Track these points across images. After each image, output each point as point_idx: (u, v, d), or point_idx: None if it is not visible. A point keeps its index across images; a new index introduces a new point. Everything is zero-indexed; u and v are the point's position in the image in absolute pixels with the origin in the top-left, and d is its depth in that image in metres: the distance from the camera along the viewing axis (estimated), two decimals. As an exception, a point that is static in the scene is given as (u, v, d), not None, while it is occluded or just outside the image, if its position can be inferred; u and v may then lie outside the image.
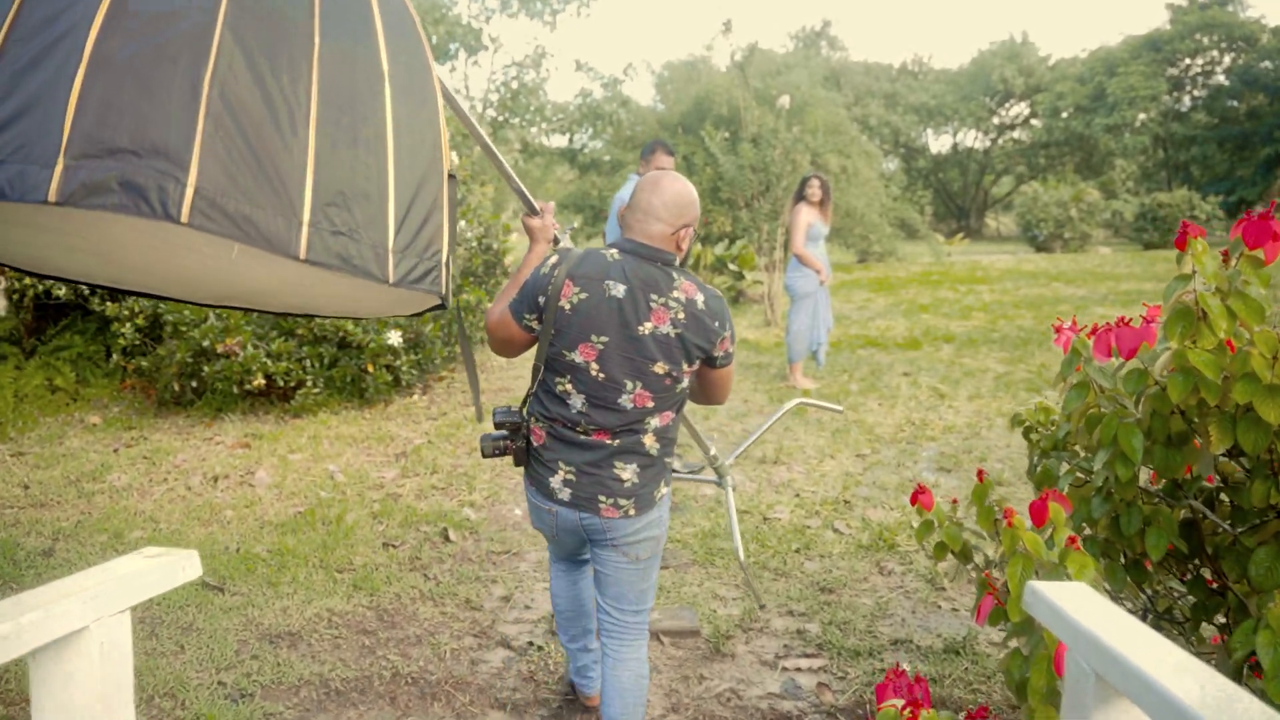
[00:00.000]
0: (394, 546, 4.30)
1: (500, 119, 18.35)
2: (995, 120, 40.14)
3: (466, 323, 7.84)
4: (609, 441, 2.35)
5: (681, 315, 2.27)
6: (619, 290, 2.27)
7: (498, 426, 2.47)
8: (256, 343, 6.48)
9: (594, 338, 2.28)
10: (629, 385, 2.29)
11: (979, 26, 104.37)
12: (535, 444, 2.45)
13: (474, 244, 8.39)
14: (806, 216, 7.38)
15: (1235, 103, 33.39)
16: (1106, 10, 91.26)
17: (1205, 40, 33.02)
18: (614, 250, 2.36)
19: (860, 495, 5.01)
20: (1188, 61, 33.85)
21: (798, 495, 5.00)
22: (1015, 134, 40.70)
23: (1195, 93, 34.70)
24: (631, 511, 2.36)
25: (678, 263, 2.39)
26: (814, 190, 7.46)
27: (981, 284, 15.61)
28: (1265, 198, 31.45)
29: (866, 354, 9.15)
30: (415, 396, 7.30)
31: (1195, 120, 34.48)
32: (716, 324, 2.32)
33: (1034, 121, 39.02)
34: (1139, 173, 35.68)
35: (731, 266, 12.72)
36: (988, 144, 41.20)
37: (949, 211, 41.88)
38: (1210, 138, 33.25)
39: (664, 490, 2.47)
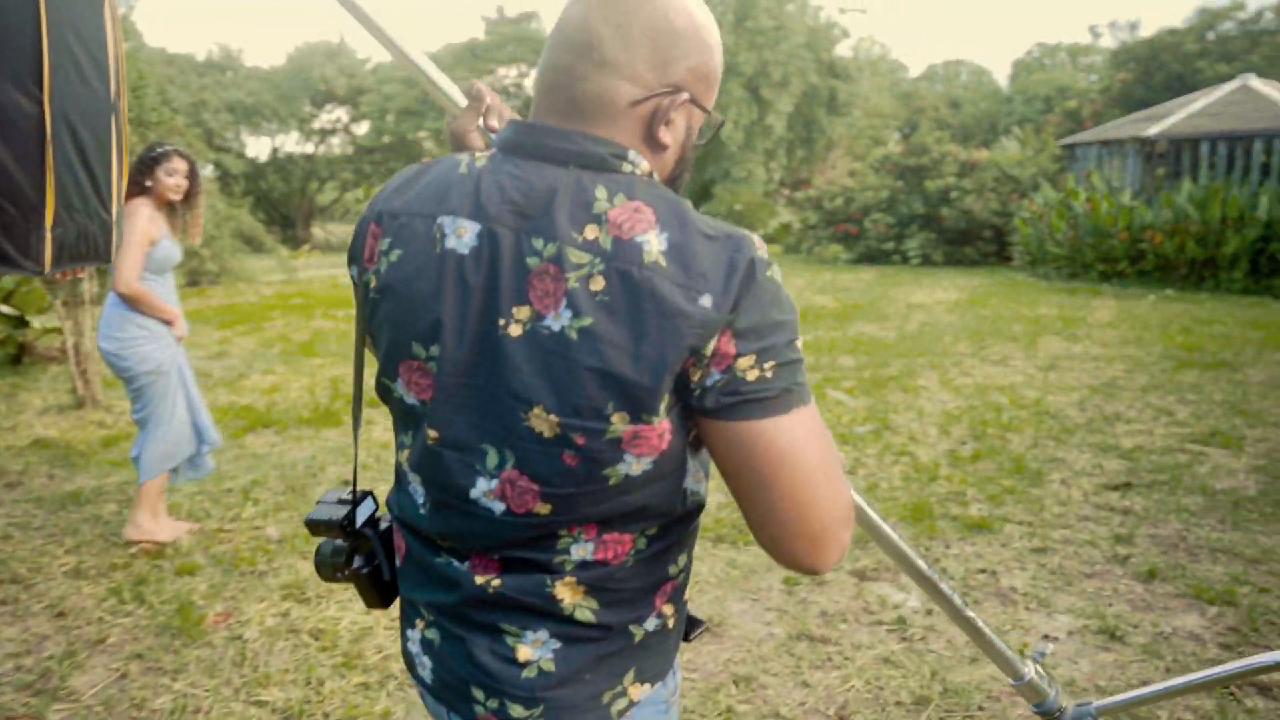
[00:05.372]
0: None
1: None
2: (317, 124, 37.87)
3: None
4: (487, 579, 1.08)
5: (598, 280, 0.95)
6: (463, 236, 1.02)
7: (311, 530, 1.26)
8: None
9: (418, 348, 1.05)
10: (489, 457, 1.03)
11: (292, 26, 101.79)
12: (399, 561, 1.22)
13: None
14: (147, 224, 3.83)
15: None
16: (427, 19, 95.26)
17: (516, 52, 34.46)
18: (482, 153, 1.09)
19: None
20: (503, 71, 35.03)
21: None
22: (337, 139, 38.97)
23: (511, 102, 36.10)
24: None
25: (650, 172, 1.06)
26: (174, 174, 3.95)
27: (340, 308, 12.83)
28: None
29: (263, 444, 5.79)
30: None
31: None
32: (704, 300, 0.94)
33: (355, 128, 37.68)
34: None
35: (5, 309, 8.12)
36: (311, 148, 38.75)
37: (272, 220, 38.69)
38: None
39: (635, 691, 1.12)
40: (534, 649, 1.10)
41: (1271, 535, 4.24)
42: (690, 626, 1.25)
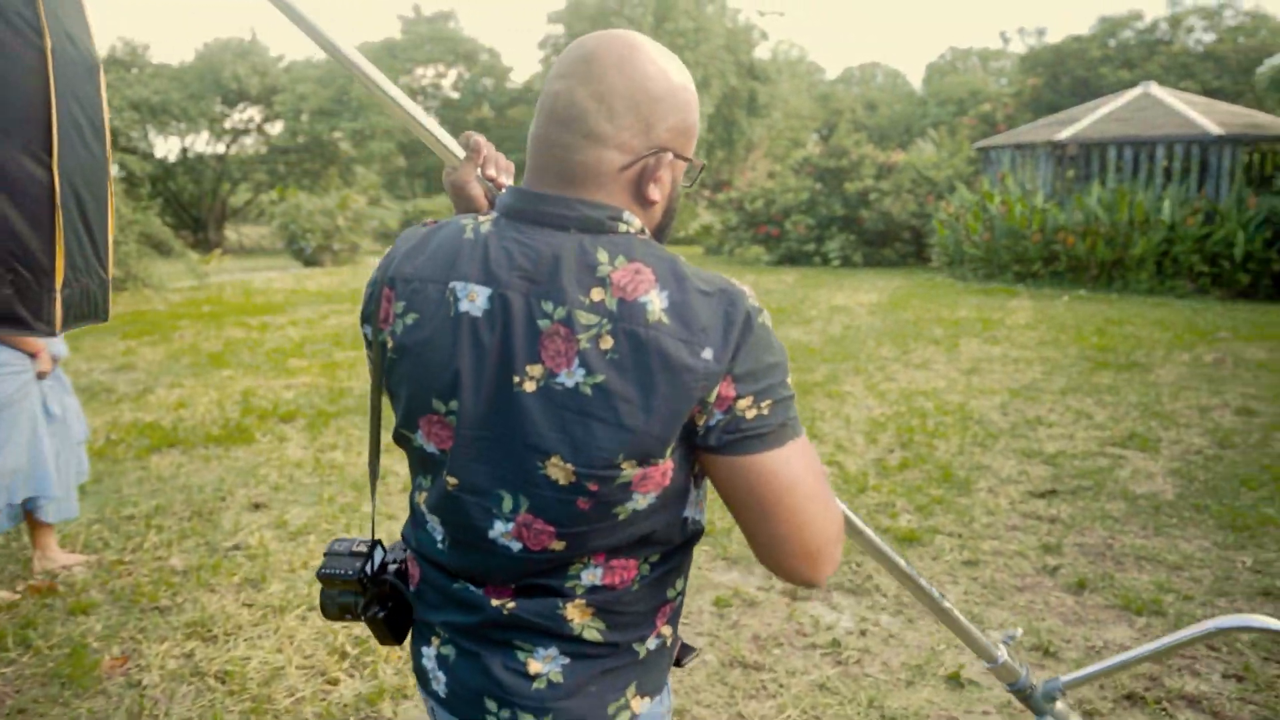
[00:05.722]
0: None
1: None
2: (229, 123, 36.76)
3: None
4: (502, 602, 1.18)
5: (606, 340, 1.06)
6: (476, 300, 1.12)
7: (325, 583, 1.30)
8: None
9: (437, 404, 1.14)
10: (504, 502, 1.13)
11: (200, 22, 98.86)
12: (411, 588, 1.31)
13: None
14: None
15: (465, 114, 34.94)
16: (342, 17, 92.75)
17: (434, 51, 33.95)
18: (485, 215, 1.19)
19: None
20: (420, 71, 34.49)
21: None
22: (250, 139, 37.90)
23: (429, 103, 35.57)
24: None
25: (642, 228, 1.16)
26: None
27: (273, 314, 12.46)
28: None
29: (168, 465, 5.50)
30: None
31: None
32: (706, 353, 1.05)
33: (268, 127, 36.71)
34: (382, 181, 35.49)
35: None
36: (223, 149, 37.61)
37: (182, 223, 37.43)
38: (448, 147, 34.43)
39: (636, 704, 1.22)
40: (544, 664, 1.18)
41: (1191, 540, 4.29)
42: (683, 653, 1.33)
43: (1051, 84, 27.66)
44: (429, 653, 1.28)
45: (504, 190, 1.22)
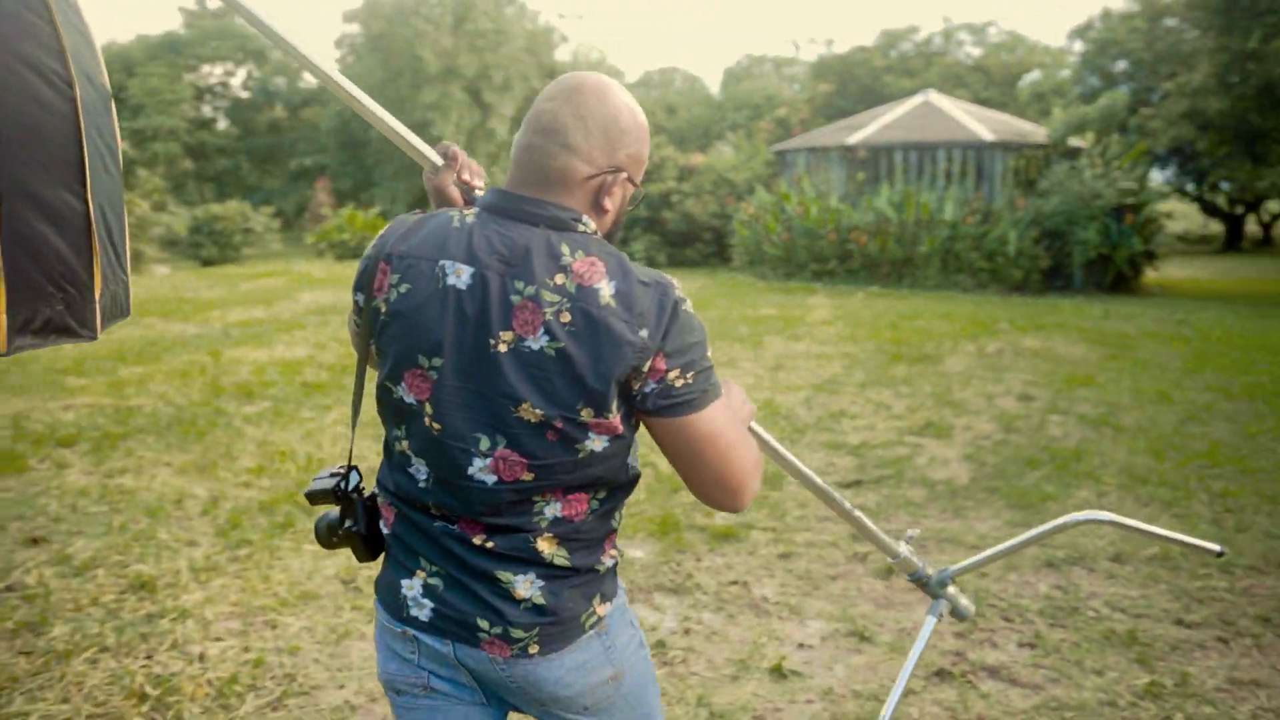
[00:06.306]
0: None
1: None
2: None
3: None
4: (481, 540, 1.43)
5: (566, 315, 1.33)
6: (461, 276, 1.38)
7: (310, 500, 1.58)
8: None
9: (422, 360, 1.39)
10: (482, 442, 1.38)
11: None
12: (385, 530, 1.55)
13: None
14: None
15: (257, 115, 33.30)
16: (115, 6, 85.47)
17: (221, 49, 32.16)
18: (470, 209, 1.46)
19: None
20: (207, 69, 32.60)
21: None
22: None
23: (217, 103, 33.71)
24: (533, 648, 1.44)
25: (595, 231, 1.44)
26: None
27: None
28: (304, 209, 31.99)
29: (-75, 501, 4.93)
30: None
31: (222, 131, 33.47)
32: (643, 332, 1.33)
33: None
34: (168, 185, 33.36)
35: None
36: None
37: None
38: (240, 149, 32.61)
39: (601, 609, 1.50)
40: (525, 589, 1.43)
41: (985, 521, 4.58)
42: None
43: (841, 91, 29.09)
44: (414, 584, 1.49)
45: (486, 190, 1.49)
